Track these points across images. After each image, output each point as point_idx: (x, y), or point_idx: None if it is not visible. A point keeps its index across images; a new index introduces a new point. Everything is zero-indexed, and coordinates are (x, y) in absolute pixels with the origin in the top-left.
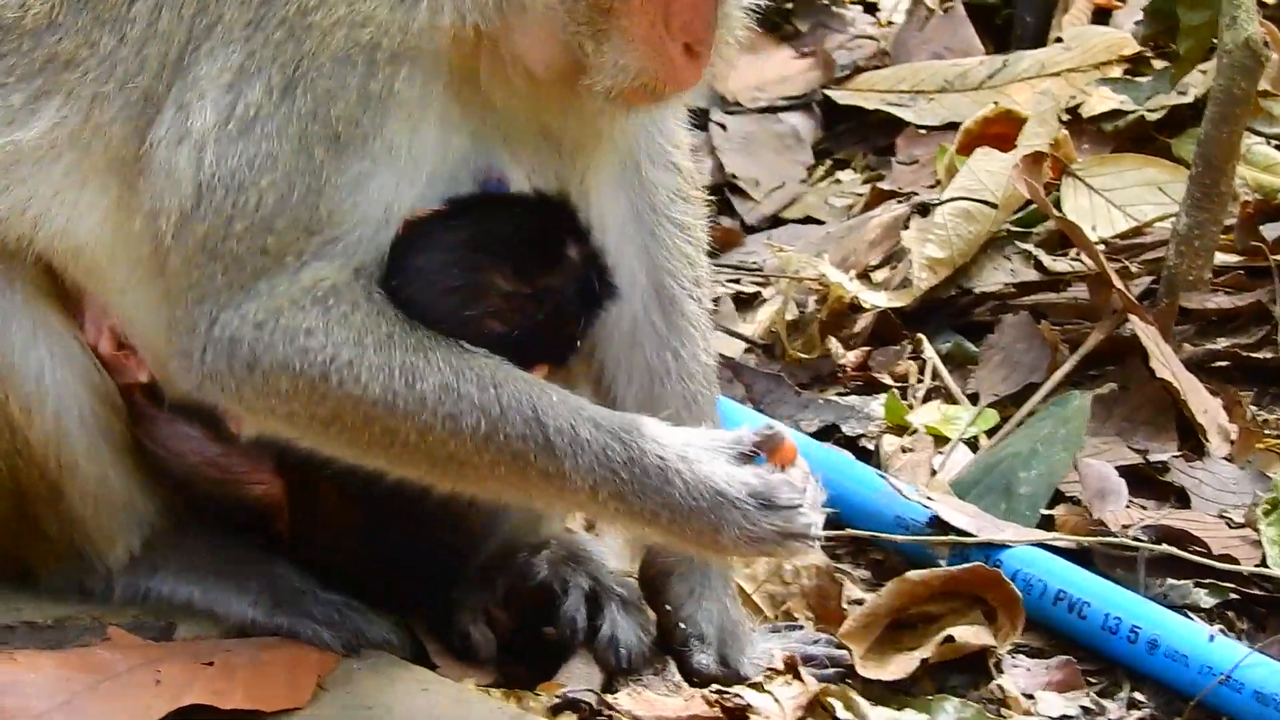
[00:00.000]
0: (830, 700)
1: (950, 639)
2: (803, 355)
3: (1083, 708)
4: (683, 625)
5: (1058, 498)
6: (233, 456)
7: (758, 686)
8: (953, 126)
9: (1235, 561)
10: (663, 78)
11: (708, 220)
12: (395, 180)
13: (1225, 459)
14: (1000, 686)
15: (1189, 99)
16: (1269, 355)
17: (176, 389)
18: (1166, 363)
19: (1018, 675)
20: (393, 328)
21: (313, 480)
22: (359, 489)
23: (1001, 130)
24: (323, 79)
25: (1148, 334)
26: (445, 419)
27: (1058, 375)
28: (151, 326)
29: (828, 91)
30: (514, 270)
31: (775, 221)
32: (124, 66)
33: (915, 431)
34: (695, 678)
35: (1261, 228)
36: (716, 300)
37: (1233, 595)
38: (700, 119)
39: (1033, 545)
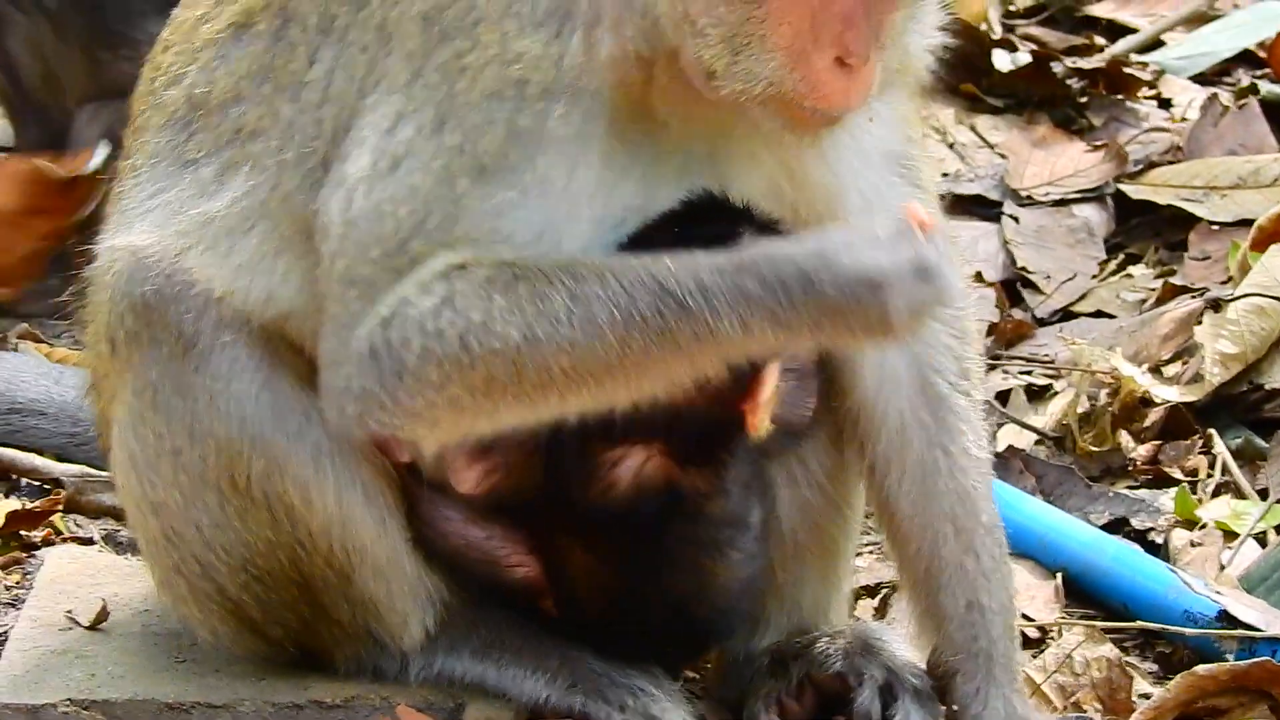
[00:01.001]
0: None
1: None
2: (1093, 448)
3: None
4: None
5: None
6: (493, 539)
7: None
8: (1246, 223)
9: None
10: (807, 91)
11: (975, 311)
12: (547, 214)
13: None
14: None
15: None
16: None
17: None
18: None
19: None
20: (514, 268)
21: (565, 551)
22: (612, 554)
23: None
24: (472, 114)
25: None
26: (583, 325)
27: None
28: None
29: (1120, 185)
30: None
31: (1066, 315)
32: (302, 133)
33: (1205, 526)
34: None
35: None
36: (1008, 393)
37: None
38: (993, 211)
39: None
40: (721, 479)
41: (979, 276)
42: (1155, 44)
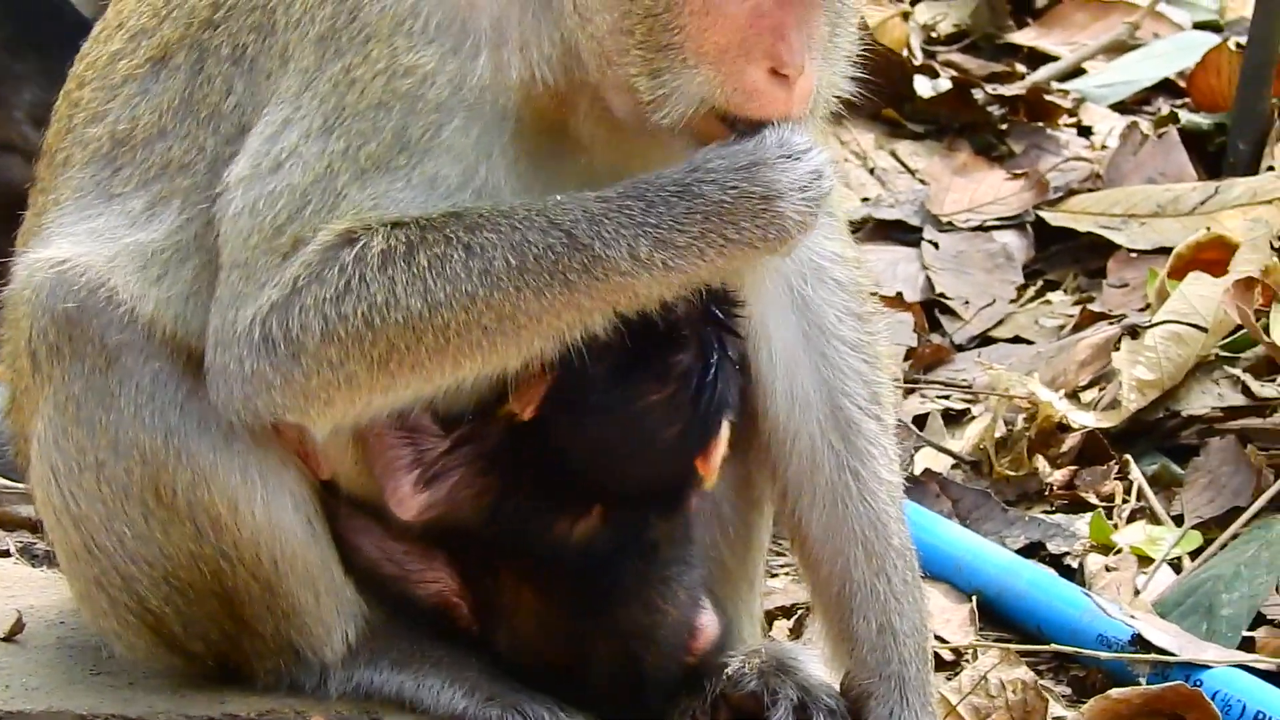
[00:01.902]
0: None
1: None
2: (1010, 472)
3: None
4: None
5: (1259, 620)
6: (409, 554)
7: None
8: (1164, 251)
9: None
10: (743, 102)
11: (887, 336)
12: (438, 205)
13: None
14: None
15: None
16: None
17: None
18: None
19: None
20: (409, 232)
21: (494, 571)
22: (564, 595)
23: (1213, 255)
24: (358, 122)
25: None
26: (481, 278)
27: (1263, 499)
28: None
29: (1040, 212)
30: (653, 376)
31: (984, 340)
32: (225, 164)
33: (1120, 551)
34: None
35: None
36: (926, 416)
37: None
38: (913, 236)
39: (1234, 666)
40: (680, 525)
41: (899, 298)
42: (1076, 72)
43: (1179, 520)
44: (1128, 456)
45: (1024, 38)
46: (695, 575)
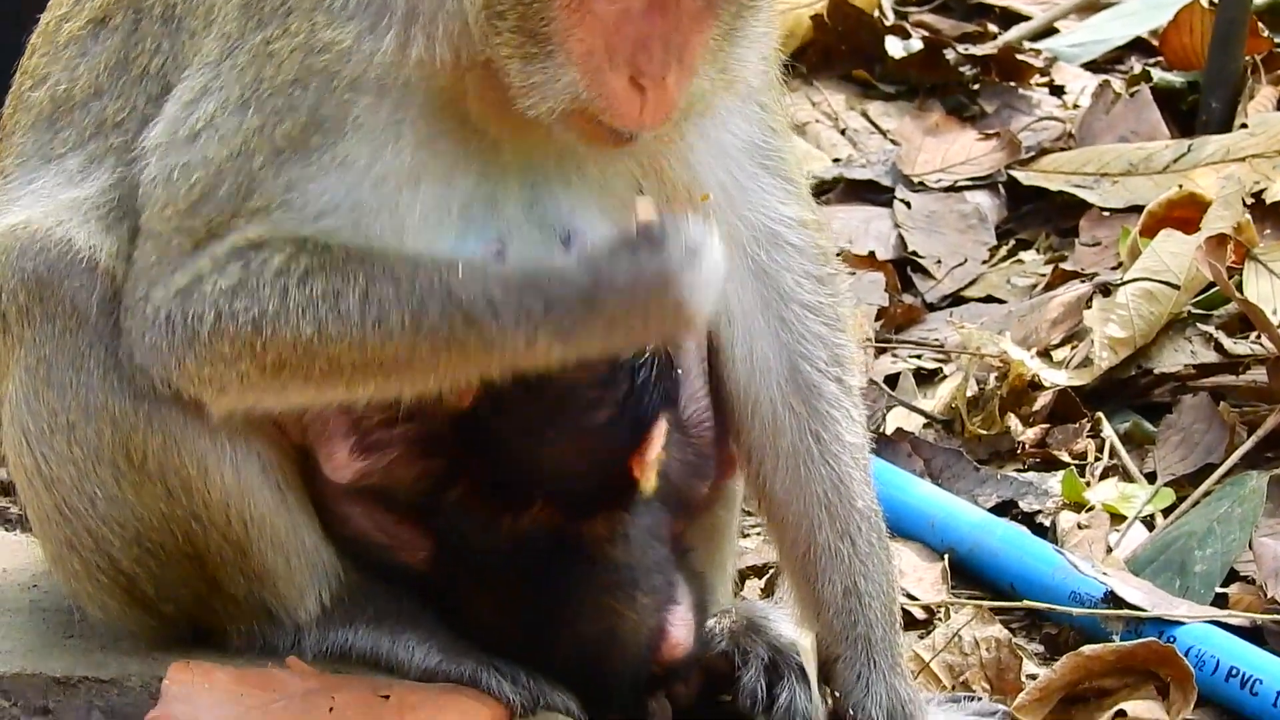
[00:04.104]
0: None
1: (1123, 714)
2: (982, 431)
3: None
4: (852, 712)
5: (1232, 576)
6: (400, 524)
7: None
8: (1136, 209)
9: None
10: (603, 108)
11: (850, 298)
12: (347, 192)
13: None
14: None
15: None
16: None
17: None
18: None
19: None
20: (310, 259)
21: (468, 590)
22: (513, 595)
23: (1185, 214)
24: (275, 99)
25: None
26: (373, 326)
27: (1235, 456)
28: None
29: (1012, 172)
30: None
31: (957, 299)
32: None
33: (1092, 509)
34: None
35: None
36: (897, 376)
37: None
38: (884, 197)
39: (1207, 622)
40: (620, 526)
41: (871, 257)
42: (1048, 31)
43: (1151, 478)
44: (1100, 414)
45: None
46: (659, 581)
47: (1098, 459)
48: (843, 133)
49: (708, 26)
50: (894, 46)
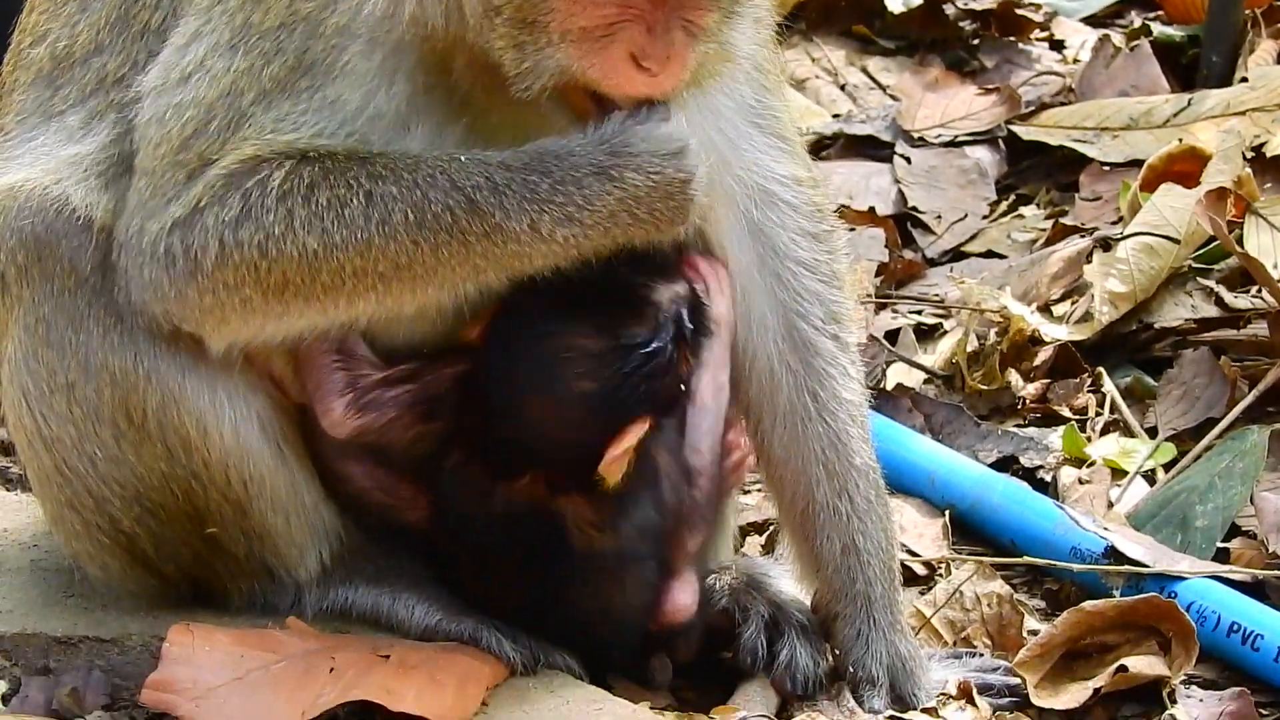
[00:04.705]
0: None
1: (1124, 669)
2: (983, 387)
3: None
4: (852, 669)
5: (1234, 531)
6: (401, 483)
7: (932, 712)
8: (1137, 163)
9: None
10: (601, 79)
11: (847, 255)
12: (339, 126)
13: None
14: (1173, 717)
15: None
16: None
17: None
18: None
19: (1191, 706)
20: (313, 169)
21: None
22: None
23: (1185, 168)
24: (263, 42)
25: None
26: (378, 226)
27: (1236, 410)
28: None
29: (1012, 127)
30: (595, 327)
31: (957, 255)
32: None
33: (1093, 464)
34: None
35: None
36: (898, 331)
37: None
38: (884, 152)
39: (1208, 577)
40: (605, 515)
41: (872, 213)
42: None
43: (1152, 432)
44: (1100, 369)
45: None
46: (647, 570)
47: (1098, 414)
48: (842, 88)
49: (710, 7)
50: (893, 2)
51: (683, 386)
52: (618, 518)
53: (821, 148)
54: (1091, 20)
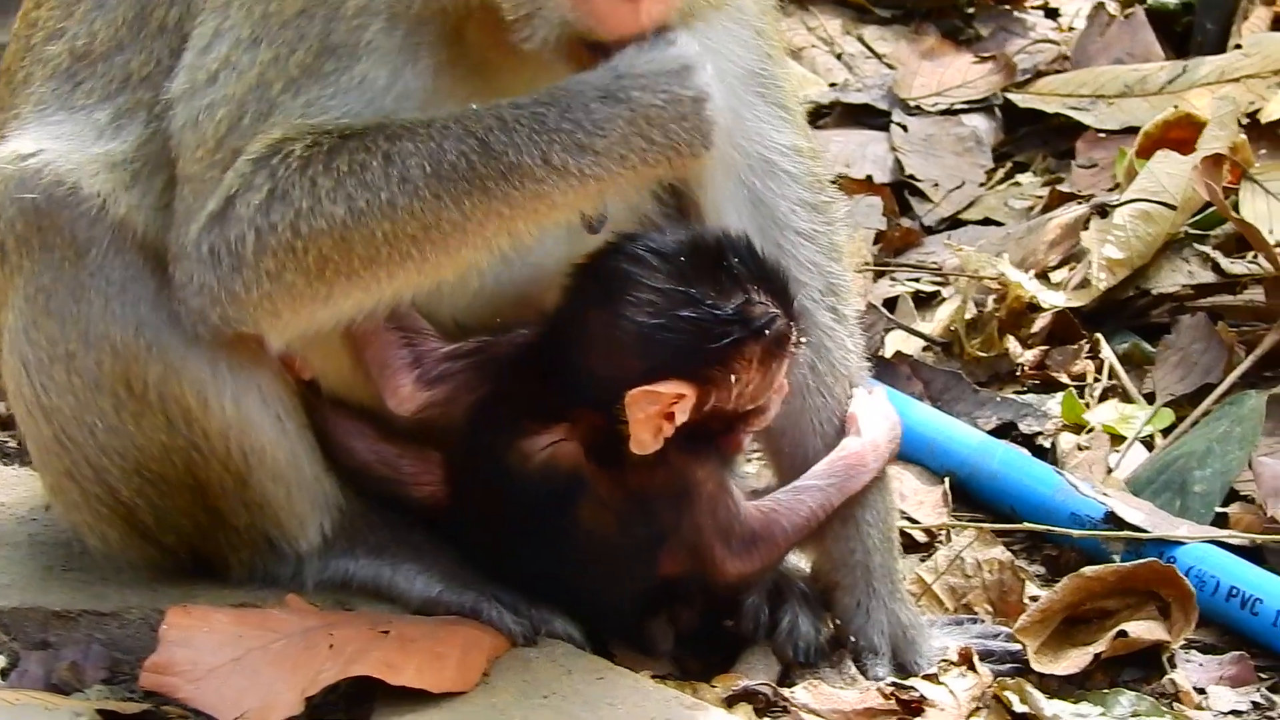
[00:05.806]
0: (1006, 694)
1: (1124, 634)
2: (981, 354)
3: (1254, 703)
4: (854, 639)
5: (1232, 496)
6: (403, 456)
7: (933, 679)
8: (1132, 130)
9: None
10: (595, 25)
11: (845, 226)
12: (367, 106)
13: None
14: (1173, 681)
15: None
16: None
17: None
18: None
19: (1190, 670)
20: (331, 138)
21: (468, 477)
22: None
23: (1181, 134)
24: (284, 31)
25: None
26: (400, 185)
27: (1234, 375)
28: None
29: (1008, 95)
30: (678, 273)
31: (954, 222)
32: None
33: (1091, 430)
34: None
35: None
36: (896, 299)
37: None
38: (881, 121)
39: (1207, 542)
40: (626, 499)
41: (869, 181)
42: None
43: (1150, 398)
44: (1098, 335)
45: None
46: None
47: (1097, 380)
48: (839, 57)
49: None
50: None
51: (742, 400)
52: (634, 511)
53: (818, 116)
54: None
